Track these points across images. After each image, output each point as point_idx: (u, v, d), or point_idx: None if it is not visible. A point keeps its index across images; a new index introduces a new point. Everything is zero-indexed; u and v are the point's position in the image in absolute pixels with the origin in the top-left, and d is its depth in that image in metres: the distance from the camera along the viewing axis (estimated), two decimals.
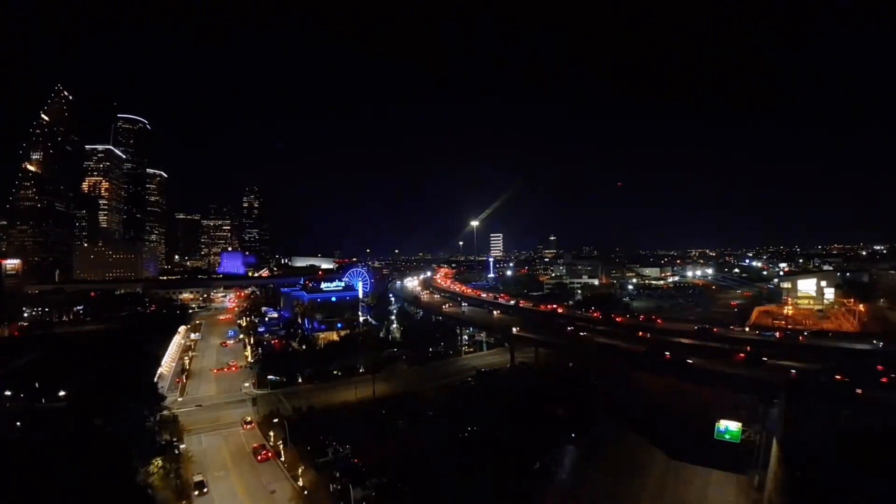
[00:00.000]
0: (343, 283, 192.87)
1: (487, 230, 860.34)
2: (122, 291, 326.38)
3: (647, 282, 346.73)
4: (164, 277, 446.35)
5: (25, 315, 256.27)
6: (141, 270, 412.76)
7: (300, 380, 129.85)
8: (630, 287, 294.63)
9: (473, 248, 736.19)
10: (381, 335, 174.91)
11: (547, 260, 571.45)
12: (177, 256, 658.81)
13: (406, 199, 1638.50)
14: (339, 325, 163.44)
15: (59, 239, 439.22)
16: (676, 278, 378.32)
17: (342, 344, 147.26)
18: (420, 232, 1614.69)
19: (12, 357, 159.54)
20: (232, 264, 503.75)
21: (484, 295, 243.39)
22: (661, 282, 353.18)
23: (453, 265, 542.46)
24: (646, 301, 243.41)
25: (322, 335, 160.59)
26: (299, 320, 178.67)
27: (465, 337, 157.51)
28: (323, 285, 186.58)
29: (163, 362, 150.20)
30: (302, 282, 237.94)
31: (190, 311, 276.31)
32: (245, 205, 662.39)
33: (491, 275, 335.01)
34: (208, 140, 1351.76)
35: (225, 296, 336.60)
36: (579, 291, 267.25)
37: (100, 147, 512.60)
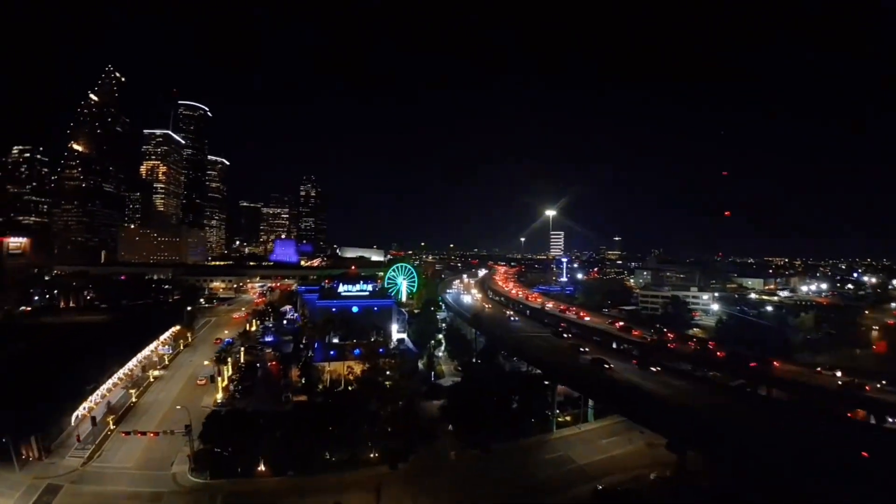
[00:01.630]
0: (370, 288, 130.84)
1: (547, 228, 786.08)
2: (155, 276, 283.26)
3: (755, 297, 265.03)
4: (216, 263, 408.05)
5: (36, 299, 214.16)
6: (186, 255, 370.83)
7: (262, 465, 68.70)
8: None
9: (546, 243, 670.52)
10: (422, 366, 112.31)
11: (620, 263, 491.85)
12: (237, 242, 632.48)
13: (465, 194, 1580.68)
14: (356, 351, 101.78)
15: (107, 220, 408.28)
16: (786, 293, 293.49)
17: (355, 389, 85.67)
18: (476, 227, 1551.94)
19: None
20: (284, 252, 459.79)
21: (559, 308, 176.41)
22: (774, 297, 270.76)
23: (513, 263, 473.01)
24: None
25: (329, 367, 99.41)
26: (303, 339, 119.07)
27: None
28: (342, 288, 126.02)
29: (100, 390, 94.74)
30: (338, 281, 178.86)
31: (207, 304, 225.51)
32: (302, 193, 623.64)
33: (563, 278, 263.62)
34: (275, 130, 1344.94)
35: (263, 286, 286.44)
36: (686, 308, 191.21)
37: (157, 131, 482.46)
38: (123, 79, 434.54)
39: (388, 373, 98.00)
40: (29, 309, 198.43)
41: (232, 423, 71.88)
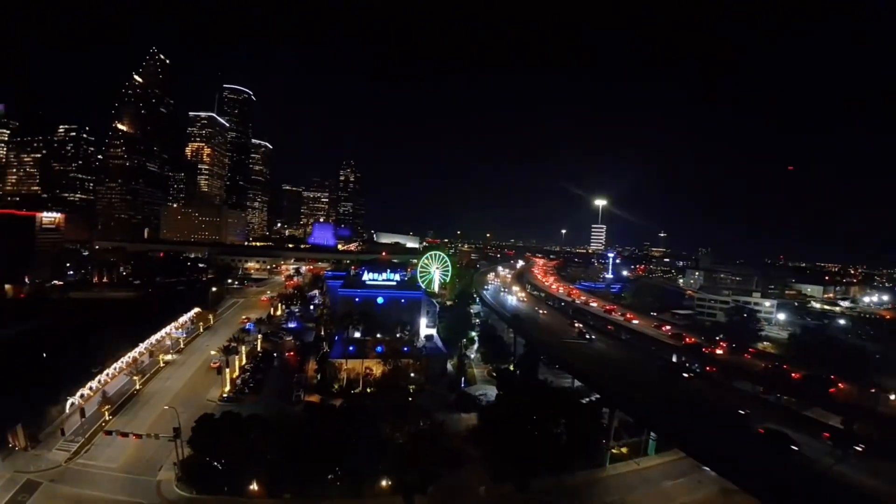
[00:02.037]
0: (398, 277, 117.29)
1: (586, 221, 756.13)
2: (192, 255, 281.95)
3: (818, 307, 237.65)
4: (256, 244, 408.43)
5: (70, 273, 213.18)
6: (226, 234, 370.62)
7: (255, 485, 57.58)
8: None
9: (586, 236, 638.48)
10: (451, 368, 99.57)
11: (666, 260, 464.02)
12: (279, 224, 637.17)
13: (504, 185, 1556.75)
14: (378, 348, 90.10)
15: (150, 198, 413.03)
16: (846, 303, 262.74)
17: (373, 393, 73.99)
18: (514, 218, 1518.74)
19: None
20: (322, 235, 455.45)
21: (604, 307, 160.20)
22: (836, 307, 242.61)
23: (552, 256, 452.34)
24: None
25: (348, 364, 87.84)
26: (322, 331, 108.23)
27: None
28: (367, 276, 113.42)
29: (101, 377, 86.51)
30: (364, 268, 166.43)
31: (237, 285, 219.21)
32: (341, 178, 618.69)
33: (609, 274, 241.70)
34: (319, 115, 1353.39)
35: (298, 268, 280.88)
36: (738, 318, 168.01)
37: (202, 114, 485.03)
38: (168, 61, 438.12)
39: (412, 375, 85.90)
40: (61, 283, 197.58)
41: (227, 429, 61.08)
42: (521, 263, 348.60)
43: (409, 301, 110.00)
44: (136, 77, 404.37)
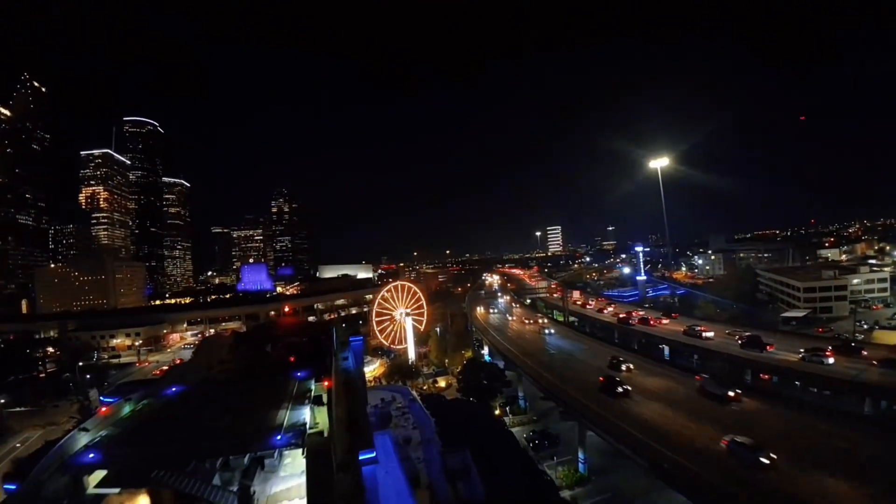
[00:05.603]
0: None
1: (540, 225, 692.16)
2: (51, 334, 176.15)
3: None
4: (173, 301, 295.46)
5: None
6: (117, 296, 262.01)
7: None
8: None
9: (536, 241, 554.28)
10: None
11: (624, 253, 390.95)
12: (210, 273, 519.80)
13: (449, 202, 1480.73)
14: None
15: (28, 260, 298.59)
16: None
17: None
18: (466, 232, 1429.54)
19: None
20: (254, 279, 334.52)
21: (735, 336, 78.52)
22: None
23: (531, 264, 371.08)
24: None
25: None
26: None
27: None
28: None
29: None
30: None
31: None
32: (274, 209, 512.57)
33: (640, 276, 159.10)
34: (246, 147, 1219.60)
35: (197, 334, 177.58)
36: None
37: (96, 152, 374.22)
38: (44, 89, 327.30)
39: None
40: None
41: None
42: (494, 278, 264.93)
43: None
44: (2, 109, 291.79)
